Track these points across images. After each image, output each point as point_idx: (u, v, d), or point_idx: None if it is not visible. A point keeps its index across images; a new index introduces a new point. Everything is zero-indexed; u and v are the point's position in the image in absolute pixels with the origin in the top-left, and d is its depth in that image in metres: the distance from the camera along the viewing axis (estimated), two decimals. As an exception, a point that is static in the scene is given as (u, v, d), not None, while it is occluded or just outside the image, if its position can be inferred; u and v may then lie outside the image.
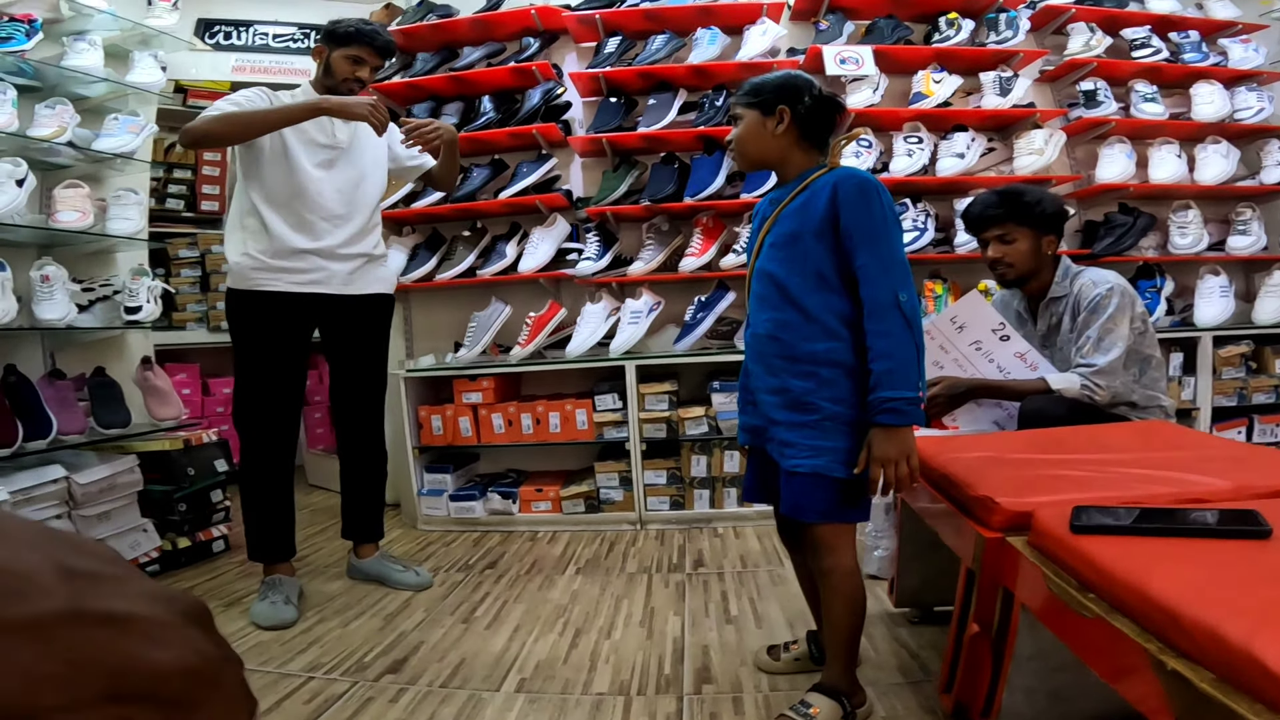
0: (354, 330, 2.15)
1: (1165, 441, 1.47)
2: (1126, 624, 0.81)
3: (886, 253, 1.24)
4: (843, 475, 1.25)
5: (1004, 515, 1.13)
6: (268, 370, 2.03)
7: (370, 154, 2.13)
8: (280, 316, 2.01)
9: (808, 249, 1.29)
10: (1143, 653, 0.76)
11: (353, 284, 2.10)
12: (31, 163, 2.20)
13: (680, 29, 2.94)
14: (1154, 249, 2.86)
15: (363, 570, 2.24)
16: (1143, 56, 2.86)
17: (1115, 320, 1.75)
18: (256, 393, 2.03)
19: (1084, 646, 0.90)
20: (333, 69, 2.02)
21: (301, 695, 1.57)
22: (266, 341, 2.02)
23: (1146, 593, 0.79)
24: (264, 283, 1.99)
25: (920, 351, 1.23)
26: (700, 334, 2.69)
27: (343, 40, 2.01)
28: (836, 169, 1.32)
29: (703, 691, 1.53)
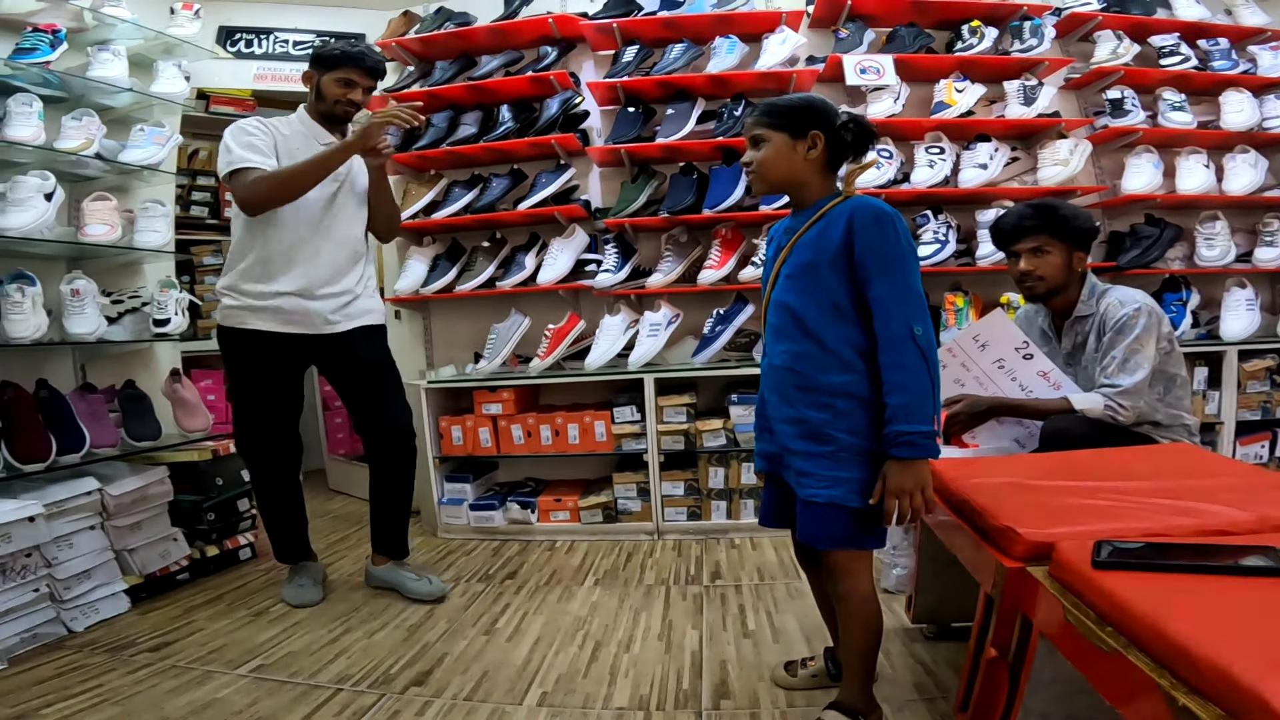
0: (346, 361, 2.16)
1: (1188, 469, 1.45)
2: (1141, 659, 0.83)
3: (902, 284, 1.24)
4: (858, 505, 1.26)
5: (1025, 546, 1.13)
6: (258, 402, 2.13)
7: (364, 180, 2.14)
8: (265, 354, 2.07)
9: (823, 279, 1.29)
10: (1156, 687, 0.78)
11: (334, 325, 2.10)
12: (59, 175, 2.24)
13: (698, 38, 2.94)
14: (1180, 261, 2.82)
15: (378, 577, 2.28)
16: (1171, 64, 2.81)
17: (1142, 341, 1.74)
18: (251, 421, 2.16)
19: (1099, 677, 0.91)
20: (324, 93, 2.04)
21: (331, 707, 1.60)
22: (254, 376, 2.11)
23: (1163, 630, 0.81)
24: (247, 321, 2.04)
25: (935, 385, 1.24)
26: (719, 347, 2.70)
27: (330, 64, 2.03)
28: (852, 198, 1.32)
29: (721, 707, 1.54)
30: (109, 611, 2.11)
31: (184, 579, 2.38)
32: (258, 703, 1.62)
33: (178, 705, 1.61)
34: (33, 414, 2.06)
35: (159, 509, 2.31)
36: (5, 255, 2.26)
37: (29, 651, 1.89)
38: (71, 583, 2.02)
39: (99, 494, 2.10)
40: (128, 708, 1.60)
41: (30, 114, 2.21)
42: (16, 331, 2.04)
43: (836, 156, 1.35)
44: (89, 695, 1.66)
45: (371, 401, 2.18)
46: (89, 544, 2.07)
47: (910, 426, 1.20)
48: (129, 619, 2.12)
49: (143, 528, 2.25)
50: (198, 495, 2.45)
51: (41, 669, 1.80)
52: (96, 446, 2.17)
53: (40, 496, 1.95)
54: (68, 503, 2.02)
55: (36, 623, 1.93)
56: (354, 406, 2.21)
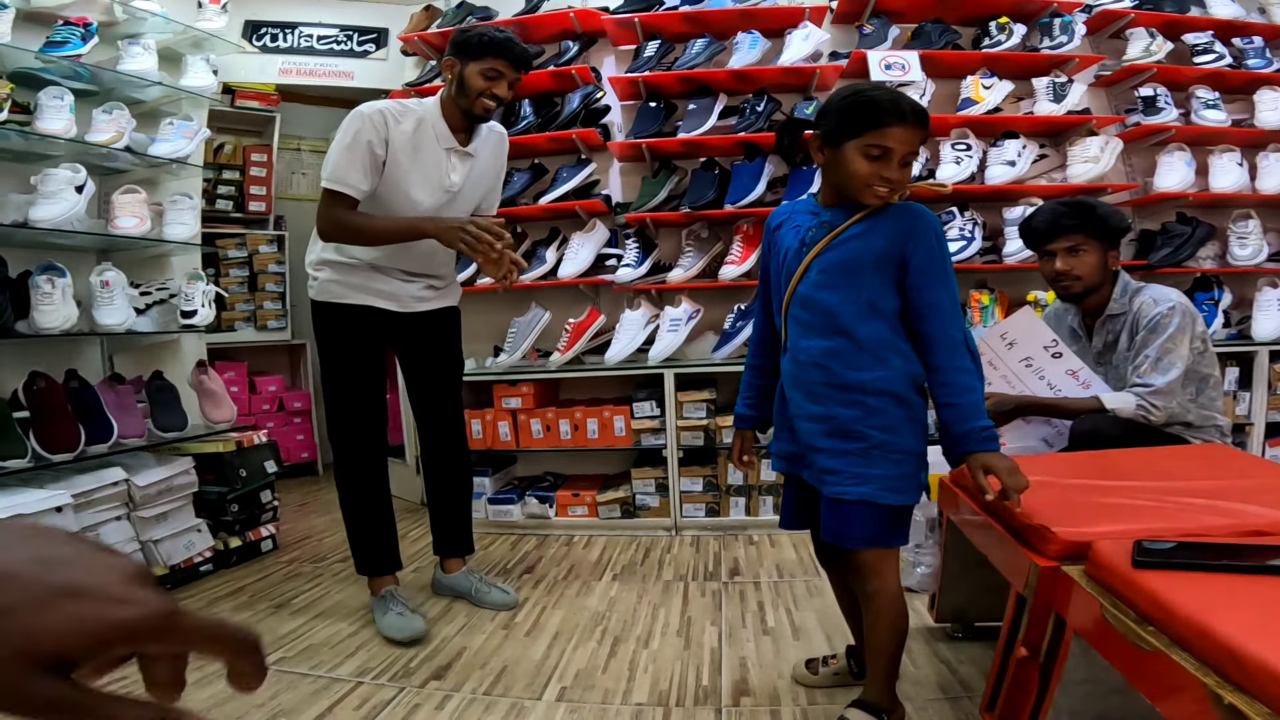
0: (427, 345, 2.09)
1: (1223, 468, 1.43)
2: (1185, 658, 0.82)
3: (955, 291, 1.27)
4: (890, 501, 1.25)
5: (1060, 545, 1.11)
6: (353, 378, 2.00)
7: (471, 197, 2.02)
8: (357, 328, 1.98)
9: (864, 279, 1.27)
10: (1200, 686, 0.77)
11: (422, 303, 2.05)
12: (89, 168, 2.26)
13: (720, 32, 2.93)
14: (1212, 260, 2.77)
15: (450, 585, 2.15)
16: (1205, 62, 2.77)
17: (1175, 340, 1.71)
18: (345, 401, 2.00)
19: (1139, 676, 0.90)
20: (466, 85, 1.84)
21: (351, 701, 1.60)
22: (348, 350, 2.00)
23: (1208, 629, 0.80)
24: (344, 296, 1.96)
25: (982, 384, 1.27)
26: (739, 342, 2.68)
27: (476, 53, 1.82)
28: (902, 204, 1.29)
29: (741, 704, 1.53)
30: (133, 602, 2.13)
31: (207, 570, 2.40)
32: (278, 695, 1.63)
33: (199, 698, 1.61)
34: (63, 404, 2.09)
35: (184, 500, 2.34)
36: (36, 247, 2.29)
37: (55, 641, 1.92)
38: (96, 573, 2.03)
39: (126, 484, 2.12)
40: (150, 699, 1.62)
41: (62, 107, 2.24)
42: (46, 322, 2.07)
43: None
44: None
45: (437, 404, 2.12)
46: (115, 535, 2.10)
47: (986, 421, 1.23)
48: (153, 609, 2.14)
49: (168, 519, 2.27)
50: (222, 486, 2.47)
51: (66, 660, 1.82)
52: (124, 437, 2.20)
53: (68, 487, 1.97)
54: (95, 493, 2.04)
55: (61, 613, 1.95)
56: (418, 400, 2.13)
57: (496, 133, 2.07)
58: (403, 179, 1.85)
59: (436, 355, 2.10)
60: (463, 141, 1.92)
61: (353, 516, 2.03)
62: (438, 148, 1.88)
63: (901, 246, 1.25)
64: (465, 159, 1.93)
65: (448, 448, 2.14)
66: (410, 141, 1.85)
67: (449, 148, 1.90)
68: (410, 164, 1.85)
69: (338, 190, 1.79)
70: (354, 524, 2.03)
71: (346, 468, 2.03)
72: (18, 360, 2.22)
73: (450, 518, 2.16)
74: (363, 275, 1.96)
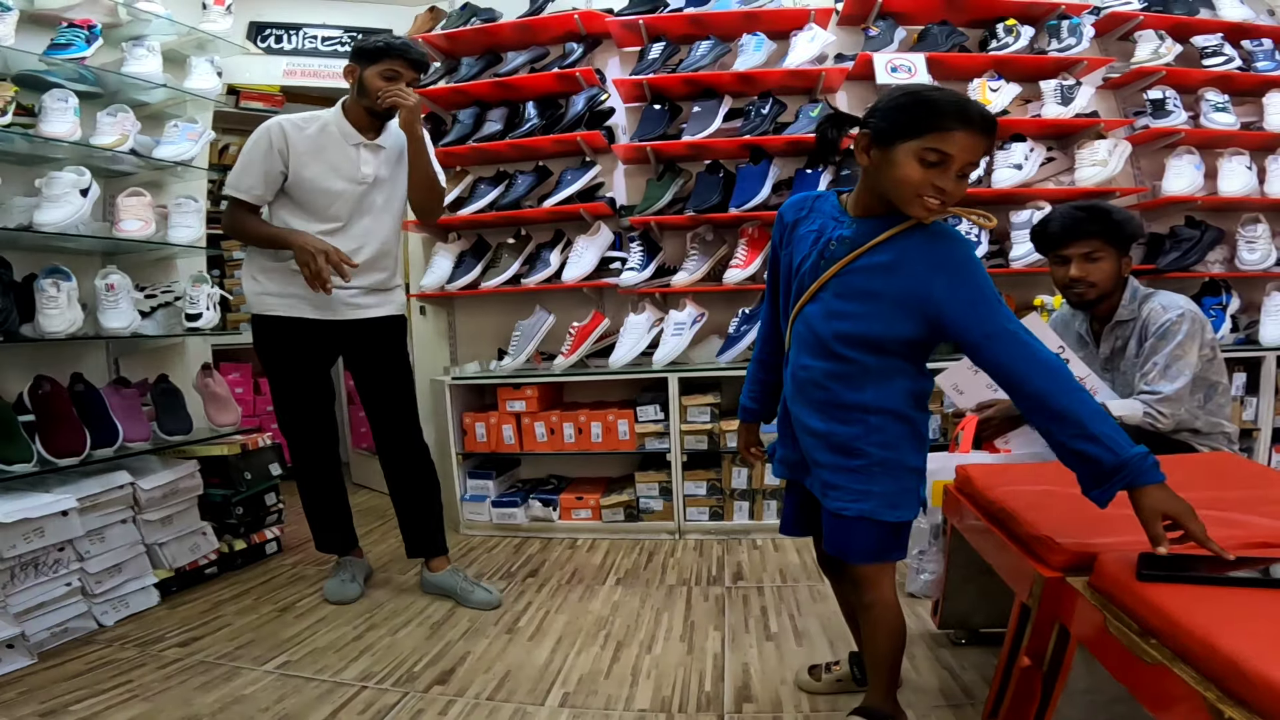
0: (368, 352, 2.18)
1: (1229, 479, 1.42)
2: (1187, 672, 0.82)
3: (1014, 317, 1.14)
4: (890, 518, 1.22)
5: (1065, 556, 1.11)
6: (293, 386, 2.16)
7: (393, 184, 2.13)
8: (294, 339, 2.10)
9: (881, 313, 1.18)
10: (1201, 700, 0.78)
11: (358, 310, 2.13)
12: (94, 170, 2.26)
13: (725, 35, 2.92)
14: (1220, 264, 2.75)
15: (435, 584, 2.22)
16: (1214, 65, 2.75)
17: (1184, 348, 1.69)
18: (289, 407, 2.18)
19: (1141, 688, 0.90)
20: (367, 87, 1.99)
21: (356, 705, 1.61)
22: (286, 361, 2.14)
23: (1212, 644, 0.80)
24: (275, 308, 2.08)
25: None
26: (744, 346, 2.68)
27: (373, 57, 1.98)
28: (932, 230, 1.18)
29: (743, 710, 1.53)
30: (139, 605, 2.14)
31: (212, 573, 2.40)
32: (284, 700, 1.63)
33: (206, 702, 1.63)
34: (68, 408, 2.09)
35: (189, 503, 2.34)
36: (41, 250, 2.29)
37: (59, 646, 1.91)
38: (103, 577, 2.04)
39: (131, 488, 2.12)
40: (157, 704, 1.62)
41: (66, 110, 2.23)
42: (51, 326, 2.07)
43: None
44: (118, 691, 1.68)
45: (386, 412, 2.20)
46: (120, 538, 2.10)
47: (1142, 446, 1.06)
48: (158, 613, 2.14)
49: (173, 522, 2.28)
50: (227, 489, 2.47)
51: (72, 664, 1.82)
52: (130, 440, 2.20)
53: (73, 490, 1.97)
54: (100, 496, 2.04)
55: (67, 617, 1.94)
56: (369, 406, 2.22)
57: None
58: (315, 176, 2.02)
59: (381, 363, 2.19)
60: (370, 136, 2.06)
61: (310, 505, 2.28)
62: (345, 144, 2.03)
63: (928, 284, 1.14)
64: (376, 150, 2.07)
65: (404, 453, 2.22)
66: (314, 143, 2.01)
67: (356, 143, 2.04)
68: (316, 163, 2.01)
69: (234, 196, 2.01)
70: (312, 511, 2.29)
71: (301, 467, 2.25)
72: (23, 364, 2.22)
73: (416, 521, 2.24)
74: (294, 284, 2.03)
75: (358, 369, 2.22)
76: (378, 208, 2.11)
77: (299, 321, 2.08)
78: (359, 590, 2.23)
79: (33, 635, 1.85)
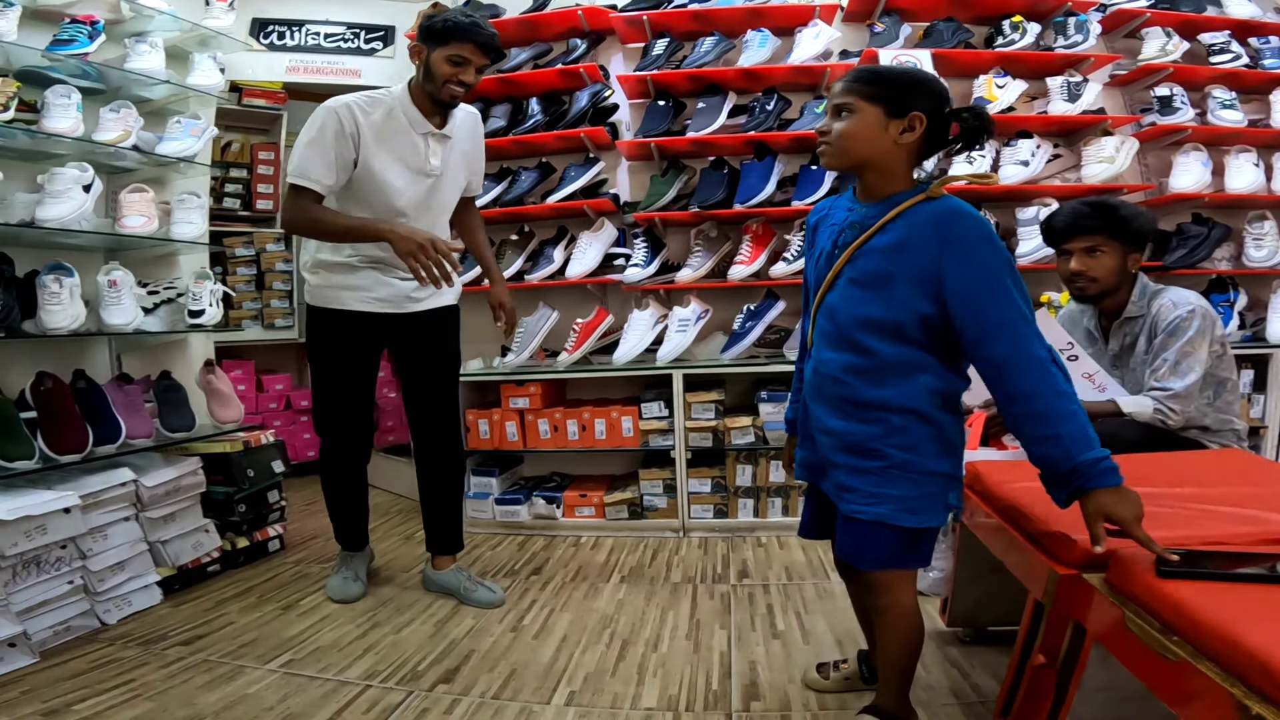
0: (423, 344, 2.11)
1: (1244, 475, 1.41)
2: (1211, 668, 0.81)
3: (1026, 304, 1.10)
4: (908, 524, 1.18)
5: (1081, 552, 1.09)
6: (342, 382, 2.08)
7: (455, 179, 2.06)
8: (351, 333, 2.03)
9: (897, 295, 1.15)
10: (1227, 697, 0.77)
11: (417, 304, 2.07)
12: (96, 166, 2.25)
13: (730, 31, 2.90)
14: (1227, 261, 2.74)
15: (438, 582, 2.19)
16: (1221, 62, 2.74)
17: (1195, 344, 1.68)
18: (334, 402, 2.09)
19: (1162, 686, 0.89)
20: (433, 71, 1.82)
21: (360, 704, 1.59)
22: (340, 355, 2.06)
23: (1236, 640, 0.79)
24: (346, 302, 2.00)
25: None
26: (748, 343, 2.67)
27: (440, 37, 1.79)
28: (940, 201, 1.15)
29: (751, 709, 1.52)
30: (141, 604, 2.12)
31: (215, 571, 2.39)
32: (287, 699, 1.61)
33: (209, 701, 1.61)
34: (70, 405, 2.07)
35: (192, 500, 2.32)
36: (43, 247, 2.28)
37: (61, 645, 1.90)
38: (105, 575, 2.02)
39: (134, 485, 2.11)
40: (160, 703, 1.60)
41: (69, 106, 2.22)
42: (54, 322, 2.06)
43: (932, 146, 1.19)
44: (122, 690, 1.66)
45: (433, 404, 2.15)
46: (123, 535, 2.09)
47: (1102, 451, 1.05)
48: (161, 611, 2.13)
49: (176, 519, 2.26)
50: (229, 487, 2.46)
51: (74, 663, 1.80)
52: (132, 437, 2.18)
53: (76, 487, 1.95)
54: (103, 494, 2.02)
55: (69, 615, 1.93)
56: (412, 398, 2.16)
57: (470, 113, 2.08)
58: (380, 168, 1.87)
59: (432, 354, 2.12)
60: (438, 125, 1.93)
61: (332, 505, 2.25)
62: (412, 133, 1.89)
63: (937, 259, 1.12)
64: (443, 141, 1.95)
65: (443, 447, 2.17)
66: (381, 130, 1.85)
67: (424, 132, 1.91)
68: (384, 152, 1.86)
69: (301, 185, 1.81)
70: (336, 507, 2.25)
71: (330, 464, 2.20)
72: (25, 360, 2.21)
73: (442, 517, 2.21)
74: (359, 276, 1.99)
75: (408, 360, 2.13)
76: (440, 201, 2.02)
77: (358, 315, 2.00)
78: (362, 589, 2.20)
79: (35, 634, 1.83)
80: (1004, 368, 1.10)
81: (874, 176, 1.21)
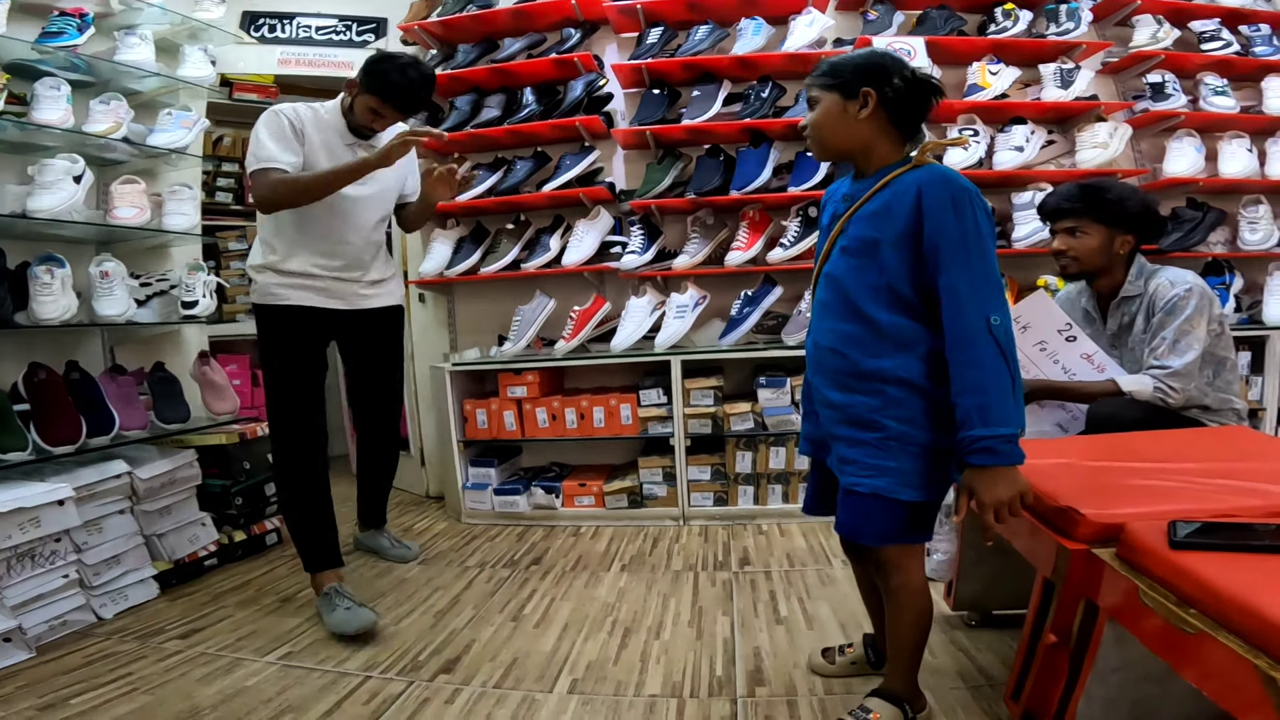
0: (367, 342, 2.23)
1: (1248, 450, 1.41)
2: (1232, 640, 0.80)
3: (979, 271, 1.11)
4: (905, 498, 1.18)
5: (1090, 528, 1.09)
6: (296, 379, 2.05)
7: (392, 183, 2.18)
8: (300, 328, 2.06)
9: (883, 259, 1.18)
10: (1250, 667, 0.76)
11: (366, 300, 2.17)
12: (87, 159, 2.22)
13: (723, 19, 2.89)
14: (1223, 244, 2.75)
15: (363, 542, 2.51)
16: (1212, 49, 2.75)
17: (1193, 322, 1.69)
18: (290, 403, 2.04)
19: (1181, 660, 0.88)
20: (355, 109, 1.98)
21: (360, 695, 1.58)
22: (291, 352, 2.06)
23: (1257, 609, 0.78)
24: (287, 297, 2.04)
25: (1016, 382, 1.11)
26: (746, 329, 2.66)
27: (370, 88, 1.93)
28: (923, 167, 1.19)
29: (756, 694, 1.51)
30: (138, 598, 2.10)
31: (211, 565, 2.37)
32: (286, 691, 1.60)
33: (208, 694, 1.60)
34: (64, 396, 2.05)
35: (187, 493, 2.30)
36: (34, 239, 2.25)
37: (58, 639, 1.88)
38: (101, 568, 2.00)
39: (128, 477, 2.08)
40: (158, 696, 1.59)
41: (58, 97, 2.20)
42: (46, 313, 2.03)
43: (902, 117, 1.22)
44: (119, 684, 1.65)
45: (377, 396, 2.31)
46: (118, 528, 2.06)
47: (989, 430, 1.08)
48: (158, 605, 2.11)
49: (171, 512, 2.24)
50: (225, 479, 2.44)
51: (70, 657, 1.79)
52: (126, 429, 2.16)
53: (70, 479, 1.93)
54: (97, 486, 2.00)
55: (65, 610, 1.91)
56: (356, 391, 2.33)
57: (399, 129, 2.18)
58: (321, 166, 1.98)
59: (378, 350, 2.27)
60: (364, 135, 2.07)
61: (293, 515, 2.07)
62: (341, 142, 2.03)
63: (916, 219, 1.15)
64: (370, 149, 2.04)
65: (382, 435, 2.38)
66: (318, 137, 2.00)
67: (349, 143, 2.05)
68: (321, 154, 1.99)
69: (268, 166, 1.89)
70: (294, 522, 2.07)
71: (286, 468, 2.05)
72: (17, 352, 2.18)
73: (376, 496, 2.48)
74: (303, 278, 2.05)
75: (355, 354, 2.26)
76: (375, 208, 2.13)
77: (306, 311, 2.05)
78: (371, 613, 1.89)
79: (30, 628, 1.81)
80: (948, 331, 1.14)
81: (861, 159, 1.26)
